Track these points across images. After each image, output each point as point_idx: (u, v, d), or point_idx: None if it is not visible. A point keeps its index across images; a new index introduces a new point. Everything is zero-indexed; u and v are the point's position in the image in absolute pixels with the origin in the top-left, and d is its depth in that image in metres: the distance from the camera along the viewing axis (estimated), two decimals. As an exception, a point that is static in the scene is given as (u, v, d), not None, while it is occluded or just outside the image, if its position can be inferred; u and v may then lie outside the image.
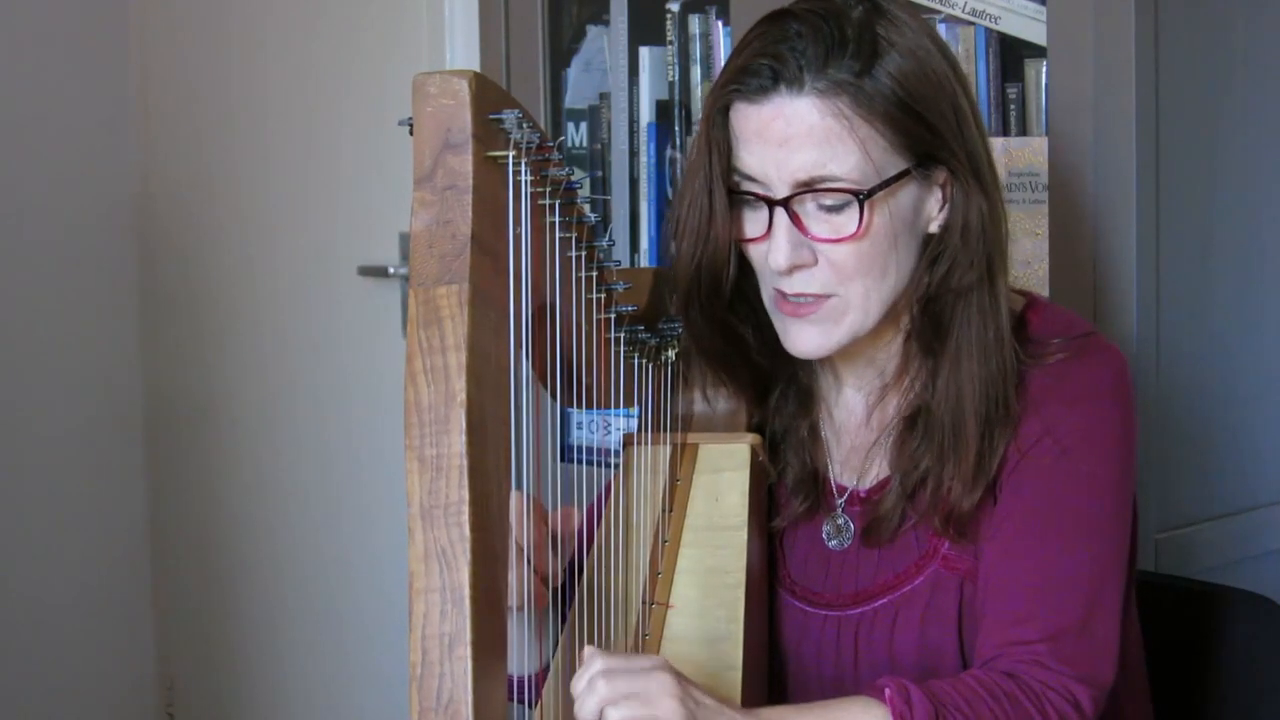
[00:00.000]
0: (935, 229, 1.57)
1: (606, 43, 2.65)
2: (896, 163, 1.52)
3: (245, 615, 3.41)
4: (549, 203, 1.40)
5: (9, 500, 3.38)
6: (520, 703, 1.58)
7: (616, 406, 1.61)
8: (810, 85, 1.50)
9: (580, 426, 2.64)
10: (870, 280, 1.54)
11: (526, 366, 1.41)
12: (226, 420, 3.42)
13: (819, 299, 1.55)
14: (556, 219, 1.41)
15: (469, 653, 1.23)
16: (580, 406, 1.58)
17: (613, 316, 1.57)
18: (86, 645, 3.49)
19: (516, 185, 1.34)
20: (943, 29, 2.17)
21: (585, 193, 2.61)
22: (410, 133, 1.31)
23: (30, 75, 3.38)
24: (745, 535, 1.59)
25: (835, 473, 1.67)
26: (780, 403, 1.69)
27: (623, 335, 1.59)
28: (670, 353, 1.68)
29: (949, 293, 1.56)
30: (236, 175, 3.34)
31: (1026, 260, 2.09)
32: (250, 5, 3.29)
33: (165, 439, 3.54)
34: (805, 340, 1.57)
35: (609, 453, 2.57)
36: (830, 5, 1.53)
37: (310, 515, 3.27)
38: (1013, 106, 2.14)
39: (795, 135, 1.50)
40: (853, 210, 1.51)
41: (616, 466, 1.68)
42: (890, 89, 1.50)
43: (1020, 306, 1.62)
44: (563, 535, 1.54)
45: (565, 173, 1.41)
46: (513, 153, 1.33)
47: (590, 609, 1.54)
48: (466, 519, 1.24)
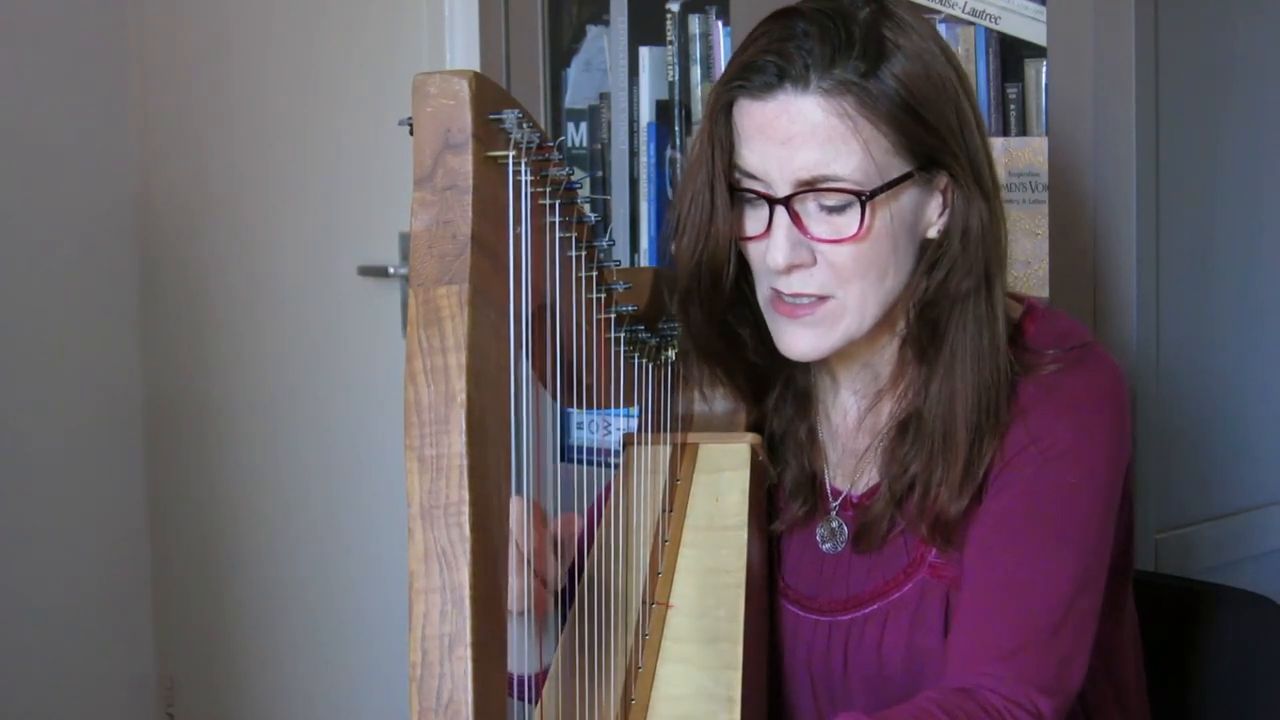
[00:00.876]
0: (935, 234, 1.56)
1: (606, 43, 2.65)
2: (899, 165, 1.52)
3: (245, 615, 3.41)
4: (549, 203, 1.40)
5: (9, 500, 3.38)
6: (521, 700, 1.59)
7: (617, 406, 1.60)
8: (815, 84, 1.49)
9: (580, 426, 2.64)
10: (868, 283, 1.53)
11: (526, 366, 1.41)
12: (226, 420, 3.42)
13: (816, 300, 1.54)
14: (557, 219, 1.41)
15: (469, 653, 1.23)
16: (581, 407, 1.57)
17: (613, 316, 1.56)
18: (86, 645, 3.49)
19: (516, 185, 1.34)
20: (943, 29, 2.17)
21: (585, 193, 2.61)
22: (410, 133, 1.31)
23: (30, 75, 3.38)
24: (745, 535, 1.59)
25: (831, 476, 1.66)
26: (779, 404, 1.68)
27: (623, 335, 1.59)
28: (670, 352, 1.68)
29: (946, 299, 1.55)
30: (236, 175, 3.34)
31: (1026, 260, 2.09)
32: (250, 5, 3.29)
33: (165, 439, 3.54)
34: (799, 342, 1.56)
35: (609, 453, 2.57)
36: (837, 5, 1.52)
37: (310, 515, 3.27)
38: (1013, 106, 2.14)
39: (799, 134, 1.49)
40: (854, 211, 1.50)
41: (617, 466, 1.68)
42: (895, 91, 1.49)
43: (1019, 314, 1.61)
44: (564, 540, 1.54)
45: (565, 173, 1.41)
46: (513, 153, 1.33)
47: (591, 609, 1.54)
48: (466, 519, 1.24)
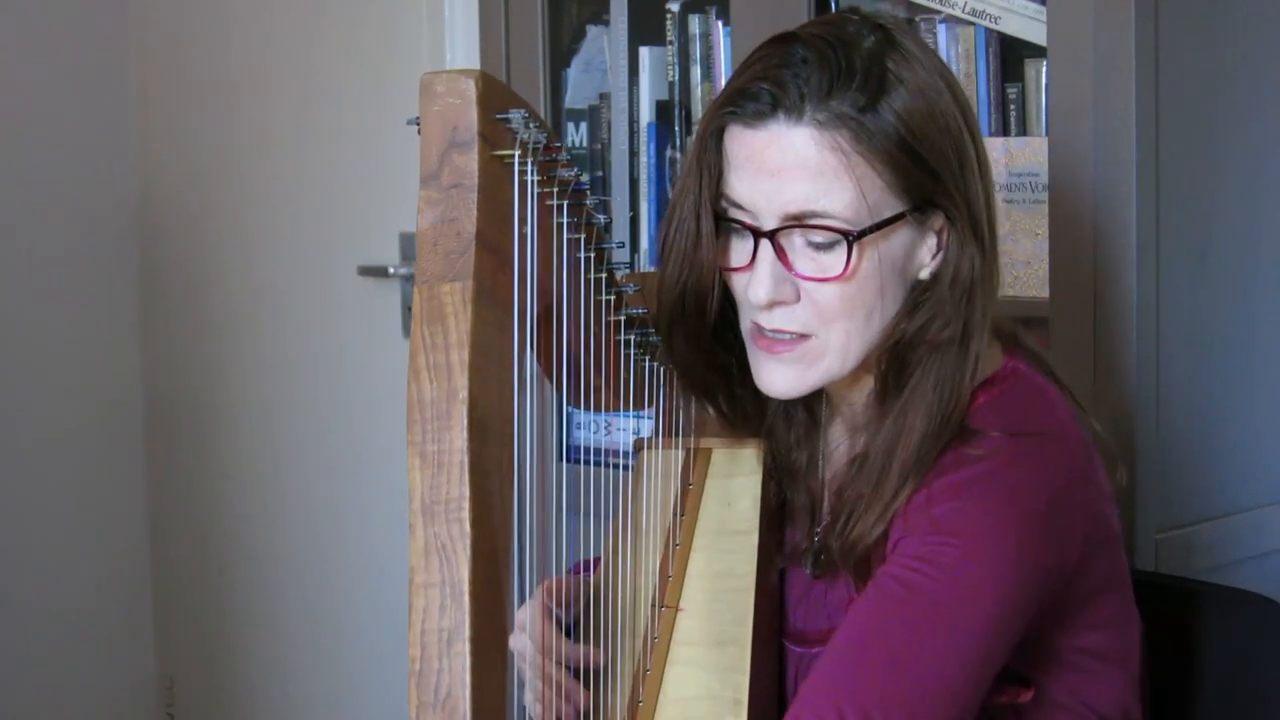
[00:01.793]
0: (926, 275, 1.50)
1: (606, 43, 2.65)
2: (892, 204, 1.46)
3: (245, 615, 3.41)
4: (557, 203, 1.40)
5: (9, 500, 3.38)
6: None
7: (628, 409, 1.60)
8: (810, 115, 1.43)
9: (580, 427, 2.64)
10: (853, 324, 1.48)
11: (531, 363, 1.41)
12: (226, 420, 3.42)
13: (797, 338, 1.49)
14: (565, 220, 1.41)
15: (467, 648, 1.23)
16: (591, 409, 1.57)
17: (622, 319, 1.56)
18: (86, 645, 3.49)
19: (522, 184, 1.34)
20: (943, 29, 2.17)
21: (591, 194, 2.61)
22: (419, 132, 1.31)
23: (30, 76, 3.38)
24: (756, 540, 1.58)
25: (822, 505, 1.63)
26: (783, 431, 1.64)
27: (633, 338, 1.59)
28: None
29: (922, 343, 1.49)
30: (237, 175, 3.35)
31: (1026, 260, 2.10)
32: (250, 5, 3.29)
33: (165, 439, 3.54)
34: (777, 379, 1.51)
35: (611, 453, 2.57)
36: (841, 32, 1.47)
37: (310, 515, 3.27)
38: (1013, 106, 2.15)
39: (789, 166, 1.44)
40: (841, 250, 1.45)
41: (622, 468, 1.68)
42: (894, 127, 1.43)
43: (990, 370, 1.53)
44: (585, 660, 1.55)
45: (573, 174, 1.41)
46: (518, 152, 1.33)
47: (600, 612, 1.54)
48: (467, 515, 1.25)
